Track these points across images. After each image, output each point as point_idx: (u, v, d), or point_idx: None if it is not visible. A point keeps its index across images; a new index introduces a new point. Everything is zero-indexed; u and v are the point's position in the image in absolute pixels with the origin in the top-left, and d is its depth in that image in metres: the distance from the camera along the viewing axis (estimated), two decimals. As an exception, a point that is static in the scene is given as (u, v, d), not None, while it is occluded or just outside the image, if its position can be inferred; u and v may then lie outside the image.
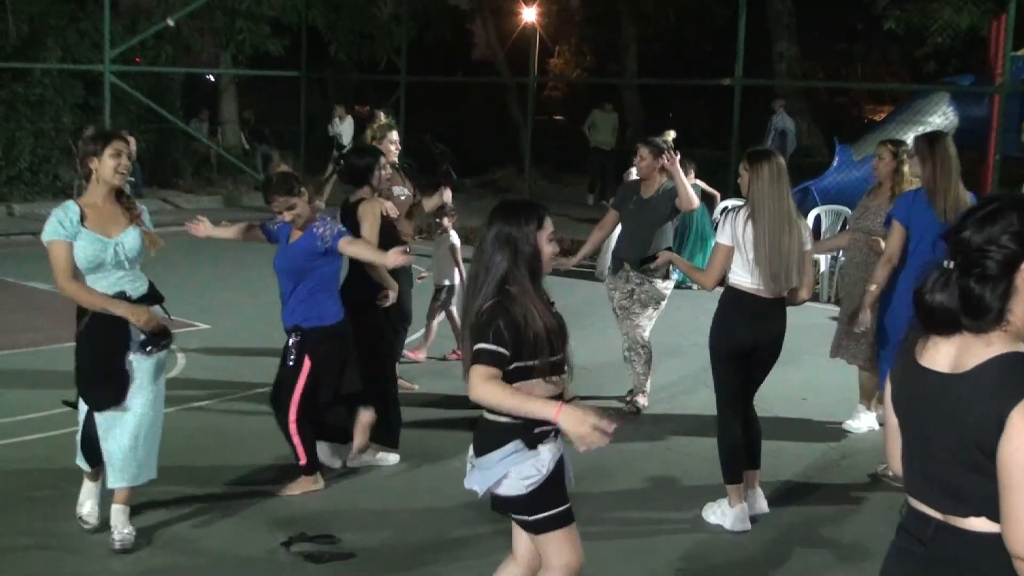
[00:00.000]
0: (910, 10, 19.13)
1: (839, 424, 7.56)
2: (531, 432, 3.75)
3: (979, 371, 2.47)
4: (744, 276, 5.75)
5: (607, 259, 13.28)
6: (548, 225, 3.84)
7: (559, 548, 3.86)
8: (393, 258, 5.65)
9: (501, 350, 3.64)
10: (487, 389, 3.61)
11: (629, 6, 27.03)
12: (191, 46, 22.66)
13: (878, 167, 7.37)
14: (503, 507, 3.89)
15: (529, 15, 22.74)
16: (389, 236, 6.55)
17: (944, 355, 2.55)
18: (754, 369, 5.90)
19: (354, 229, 6.29)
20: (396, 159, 7.83)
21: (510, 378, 3.70)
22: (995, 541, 2.47)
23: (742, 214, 5.73)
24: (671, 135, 11.54)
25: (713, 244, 6.04)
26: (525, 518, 3.85)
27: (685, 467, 6.77)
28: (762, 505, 6.00)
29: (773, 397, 6.08)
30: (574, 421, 3.52)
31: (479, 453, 3.84)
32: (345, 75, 25.22)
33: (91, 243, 5.01)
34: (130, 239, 5.12)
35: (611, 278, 8.02)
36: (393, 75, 20.10)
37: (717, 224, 6.96)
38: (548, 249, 3.83)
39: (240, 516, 5.77)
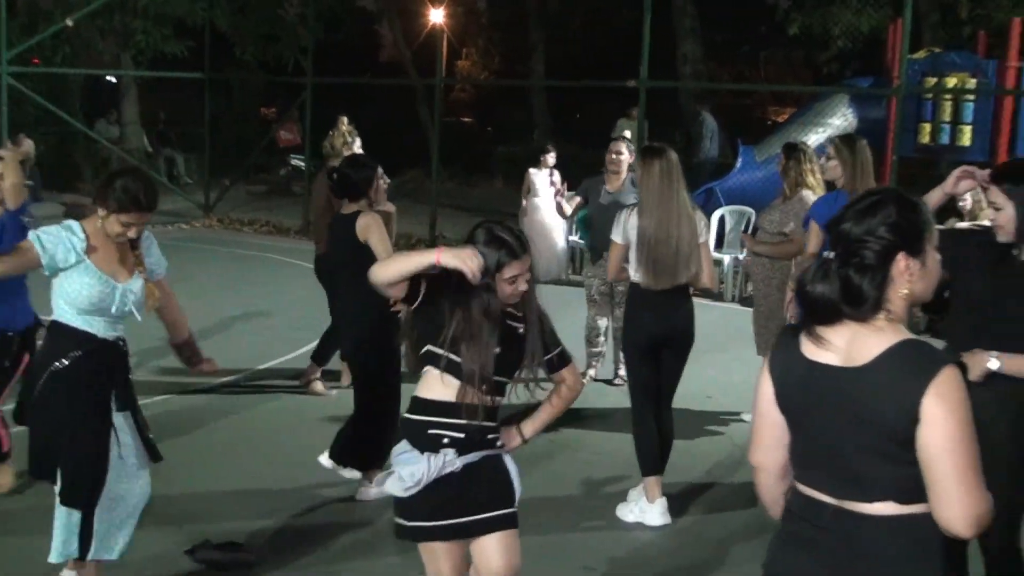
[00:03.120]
0: (812, 15, 19.49)
1: (744, 421, 7.68)
2: (423, 432, 3.72)
3: (879, 362, 2.54)
4: (638, 272, 5.84)
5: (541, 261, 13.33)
6: (509, 270, 3.70)
7: (435, 562, 3.84)
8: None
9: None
10: (377, 266, 3.71)
11: (535, 9, 27.12)
12: (91, 47, 22.23)
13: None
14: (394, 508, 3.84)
15: (436, 16, 22.70)
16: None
17: (834, 347, 2.61)
18: (668, 363, 5.99)
19: (349, 241, 6.07)
20: None
21: (422, 360, 3.74)
22: (894, 523, 2.57)
23: (634, 212, 5.83)
24: (628, 134, 11.80)
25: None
26: (403, 522, 3.80)
27: (595, 465, 6.81)
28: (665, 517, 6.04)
29: (678, 395, 6.16)
30: (453, 255, 3.57)
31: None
32: (250, 77, 24.93)
33: (99, 283, 4.39)
34: (137, 286, 4.52)
35: (591, 268, 8.69)
36: (300, 77, 19.87)
37: None
38: (507, 289, 3.73)
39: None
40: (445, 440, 3.72)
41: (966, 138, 14.69)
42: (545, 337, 3.88)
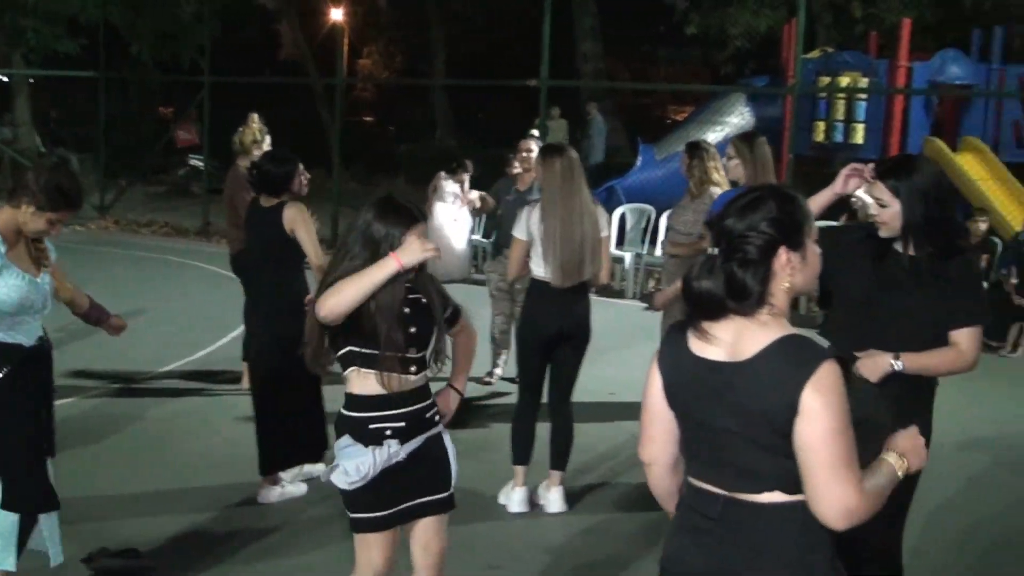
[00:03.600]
0: (710, 15, 19.78)
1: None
2: (365, 427, 3.74)
3: (763, 356, 2.59)
4: (540, 268, 5.90)
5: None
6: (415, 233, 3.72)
7: (368, 550, 3.86)
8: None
9: None
10: (327, 297, 3.59)
11: (437, 7, 27.09)
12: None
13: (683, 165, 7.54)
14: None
15: (336, 15, 22.55)
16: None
17: (720, 342, 2.65)
18: (565, 359, 6.06)
19: (274, 235, 6.03)
20: None
21: (343, 362, 3.75)
22: (784, 510, 2.61)
23: (537, 209, 5.88)
24: (536, 132, 11.89)
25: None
26: (349, 513, 3.85)
27: (500, 463, 6.81)
28: (559, 505, 6.11)
29: (579, 391, 6.22)
30: (412, 251, 3.61)
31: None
32: (146, 76, 24.52)
33: (23, 283, 4.24)
34: (47, 279, 4.39)
35: (492, 263, 8.78)
36: (197, 76, 19.60)
37: None
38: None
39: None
40: (388, 432, 3.75)
41: (859, 136, 15.01)
42: (443, 297, 3.96)
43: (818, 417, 2.51)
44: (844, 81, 14.98)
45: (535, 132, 11.94)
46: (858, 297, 3.99)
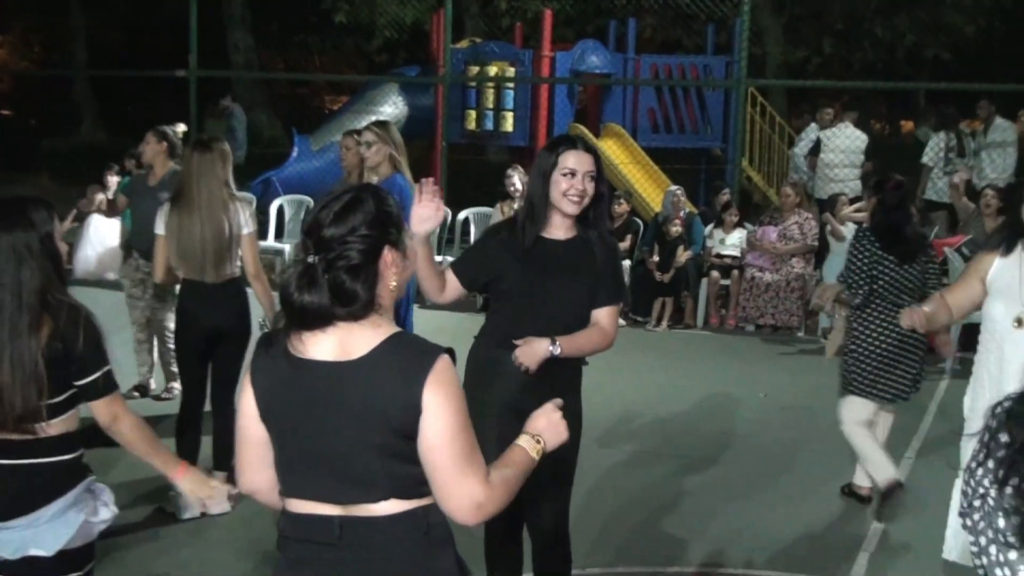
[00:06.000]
0: (359, 5, 19.87)
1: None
2: (80, 464, 3.37)
3: (375, 355, 2.50)
4: (181, 265, 5.83)
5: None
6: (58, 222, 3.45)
7: None
8: None
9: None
10: (136, 428, 3.36)
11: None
12: None
13: (345, 157, 7.55)
14: (49, 569, 3.26)
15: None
16: None
17: (325, 344, 2.53)
18: (224, 356, 5.97)
19: None
20: None
21: (69, 404, 3.34)
22: (406, 519, 2.52)
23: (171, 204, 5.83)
24: (181, 127, 11.47)
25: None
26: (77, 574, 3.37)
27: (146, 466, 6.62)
28: (223, 505, 5.91)
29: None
30: (198, 483, 3.37)
31: (25, 509, 3.22)
32: None
33: None
34: None
35: (123, 267, 8.27)
36: None
37: None
38: (63, 247, 3.44)
39: None
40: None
41: (509, 124, 15.44)
42: None
43: (440, 414, 2.46)
44: (492, 70, 15.38)
45: (181, 127, 11.65)
46: (515, 288, 4.09)
